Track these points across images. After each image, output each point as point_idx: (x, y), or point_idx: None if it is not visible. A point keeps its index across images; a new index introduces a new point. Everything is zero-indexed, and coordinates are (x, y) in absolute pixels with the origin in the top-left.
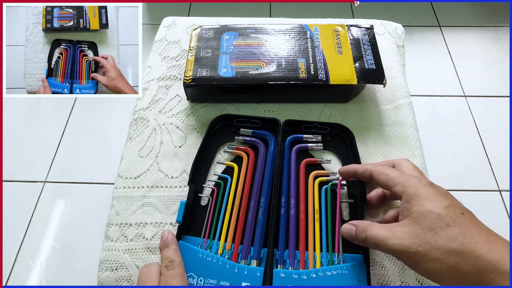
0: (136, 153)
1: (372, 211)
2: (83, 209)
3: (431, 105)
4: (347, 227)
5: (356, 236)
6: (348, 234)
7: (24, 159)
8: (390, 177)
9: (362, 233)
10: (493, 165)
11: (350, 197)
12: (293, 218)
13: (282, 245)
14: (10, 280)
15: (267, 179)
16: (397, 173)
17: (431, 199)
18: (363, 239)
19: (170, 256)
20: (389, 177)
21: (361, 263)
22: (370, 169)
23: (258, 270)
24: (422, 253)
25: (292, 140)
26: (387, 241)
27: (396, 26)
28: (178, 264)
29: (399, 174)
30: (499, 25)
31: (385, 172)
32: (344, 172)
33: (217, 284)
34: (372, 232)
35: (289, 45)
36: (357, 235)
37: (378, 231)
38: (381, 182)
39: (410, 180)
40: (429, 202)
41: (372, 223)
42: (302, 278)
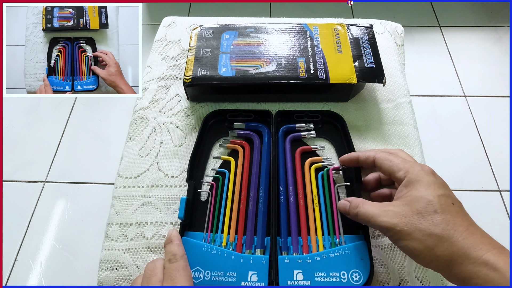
0: (136, 153)
1: (367, 194)
2: (83, 209)
3: (431, 105)
4: (343, 202)
5: (349, 211)
6: (342, 209)
7: (24, 159)
8: (394, 163)
9: (354, 209)
10: (493, 165)
11: (346, 180)
12: (293, 205)
13: (285, 232)
14: (10, 280)
15: (264, 169)
16: (401, 160)
17: (428, 187)
18: (354, 215)
19: (173, 250)
20: (393, 163)
21: (362, 242)
22: (373, 156)
23: (263, 258)
24: (406, 232)
25: (285, 130)
26: (377, 218)
27: (396, 25)
28: (181, 257)
29: (402, 160)
30: (499, 25)
31: (389, 158)
32: (346, 160)
33: (224, 275)
34: (364, 208)
35: (288, 45)
36: (350, 210)
37: (369, 208)
38: (385, 167)
39: (414, 167)
40: (425, 189)
41: (365, 201)
42: (307, 262)
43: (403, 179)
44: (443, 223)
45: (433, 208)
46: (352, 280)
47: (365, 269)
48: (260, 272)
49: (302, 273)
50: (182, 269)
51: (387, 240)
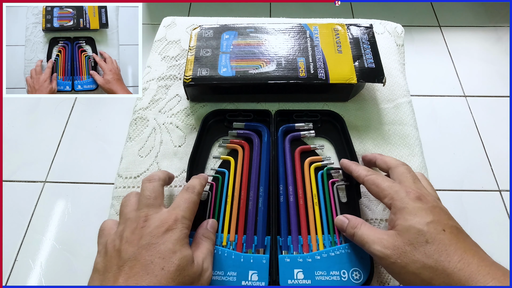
0: (136, 153)
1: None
2: (83, 209)
3: (431, 105)
4: (341, 219)
5: (346, 230)
6: (340, 226)
7: (24, 159)
8: (380, 188)
9: (352, 229)
10: (493, 165)
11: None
12: (292, 205)
13: (285, 231)
14: (10, 280)
15: (264, 169)
16: (387, 184)
17: (415, 214)
18: (351, 234)
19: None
20: (379, 189)
21: None
22: (363, 178)
23: (263, 258)
24: (400, 265)
25: (285, 129)
26: (372, 244)
27: (396, 25)
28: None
29: (389, 185)
30: (499, 25)
31: (376, 183)
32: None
33: (224, 275)
34: (361, 231)
35: (288, 44)
36: (347, 229)
37: (366, 232)
38: (372, 192)
39: (399, 193)
40: (413, 217)
41: (364, 222)
42: (307, 261)
43: (390, 207)
44: (435, 254)
45: (423, 238)
46: (352, 279)
47: (365, 267)
48: (260, 271)
49: (302, 272)
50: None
51: None
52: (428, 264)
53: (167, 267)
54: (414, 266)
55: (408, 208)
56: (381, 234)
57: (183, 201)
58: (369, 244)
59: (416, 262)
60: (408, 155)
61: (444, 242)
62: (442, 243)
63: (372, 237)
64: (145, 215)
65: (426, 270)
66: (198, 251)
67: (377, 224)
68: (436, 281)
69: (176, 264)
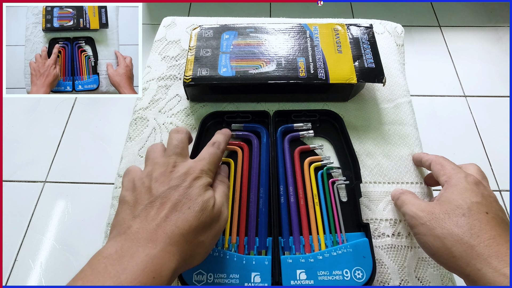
0: (136, 153)
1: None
2: (83, 209)
3: (431, 105)
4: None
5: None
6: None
7: (24, 159)
8: (444, 167)
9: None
10: (493, 165)
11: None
12: (293, 205)
13: (286, 232)
14: (10, 280)
15: (264, 170)
16: (452, 166)
17: (464, 192)
18: (397, 198)
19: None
20: (442, 167)
21: (364, 240)
22: (431, 160)
23: (265, 259)
24: (428, 227)
25: (284, 130)
26: (409, 205)
27: (396, 25)
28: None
29: (453, 167)
30: (499, 25)
31: (442, 163)
32: (414, 159)
33: (227, 277)
34: (405, 195)
35: (288, 44)
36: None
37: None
38: (433, 170)
39: (459, 174)
40: (460, 194)
41: (412, 193)
42: (309, 262)
43: (444, 184)
44: (466, 226)
45: (461, 212)
46: (355, 278)
47: (367, 266)
48: (263, 273)
49: (305, 272)
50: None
51: (388, 240)
52: (455, 232)
53: (193, 206)
54: (440, 231)
55: (460, 186)
56: (421, 201)
57: (208, 155)
58: (407, 206)
59: (444, 228)
60: (408, 155)
61: (482, 221)
62: (479, 220)
63: (413, 201)
64: (173, 162)
65: (451, 237)
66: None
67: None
68: (457, 248)
69: (200, 204)
